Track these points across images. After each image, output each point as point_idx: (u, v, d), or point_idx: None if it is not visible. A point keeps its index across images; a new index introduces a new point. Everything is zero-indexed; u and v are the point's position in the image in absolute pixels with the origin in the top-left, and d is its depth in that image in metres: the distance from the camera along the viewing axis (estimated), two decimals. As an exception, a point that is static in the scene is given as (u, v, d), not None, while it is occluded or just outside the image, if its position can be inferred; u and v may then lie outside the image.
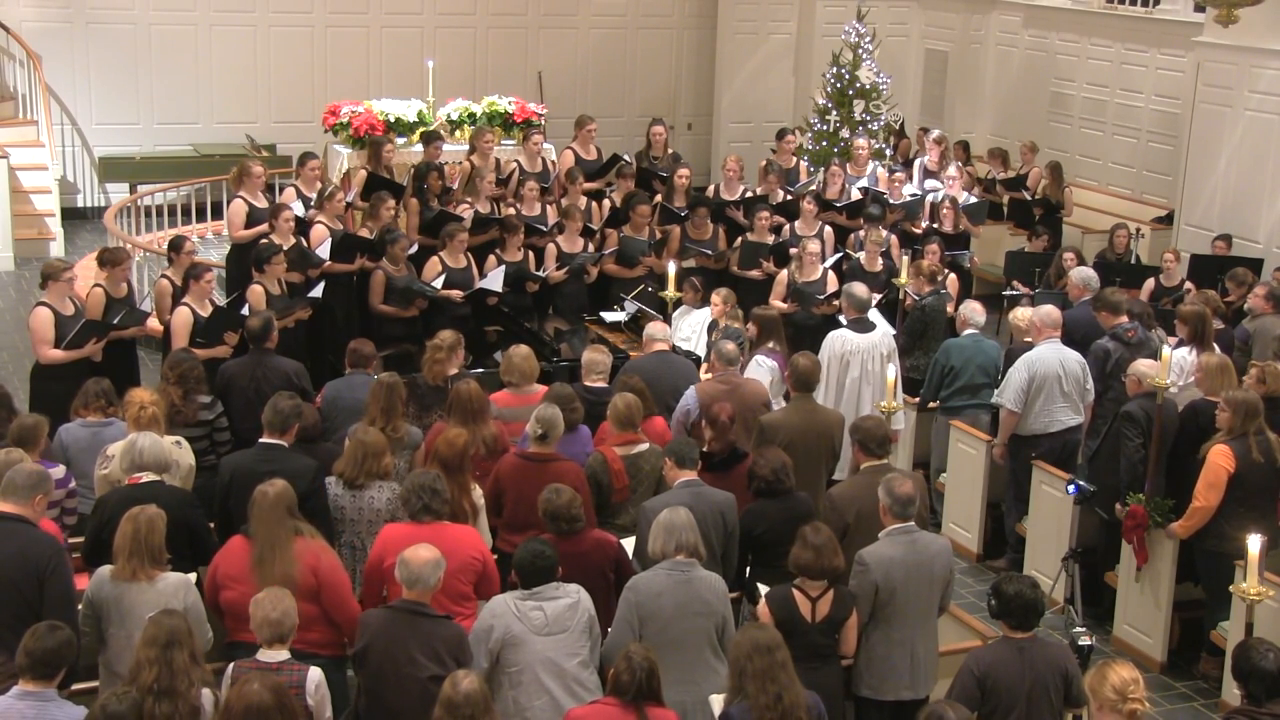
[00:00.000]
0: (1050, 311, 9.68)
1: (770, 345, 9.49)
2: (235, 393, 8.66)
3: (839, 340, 9.76)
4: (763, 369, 9.24)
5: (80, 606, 6.07)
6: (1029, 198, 15.42)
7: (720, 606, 6.21)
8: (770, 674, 5.35)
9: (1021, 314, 10.15)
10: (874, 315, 11.01)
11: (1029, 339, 9.72)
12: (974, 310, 10.16)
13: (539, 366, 8.66)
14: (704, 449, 7.55)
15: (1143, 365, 8.66)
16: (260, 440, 7.27)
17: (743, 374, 9.00)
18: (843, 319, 10.14)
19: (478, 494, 7.12)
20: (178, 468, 7.25)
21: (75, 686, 5.76)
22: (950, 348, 10.00)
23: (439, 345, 8.62)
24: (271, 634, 5.63)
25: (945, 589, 6.64)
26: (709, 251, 12.09)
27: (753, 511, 7.13)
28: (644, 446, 7.54)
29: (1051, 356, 9.37)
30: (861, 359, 9.69)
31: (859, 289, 10.05)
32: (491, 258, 11.38)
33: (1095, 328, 9.93)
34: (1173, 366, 9.01)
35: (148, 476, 6.76)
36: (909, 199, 13.16)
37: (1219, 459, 7.92)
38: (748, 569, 7.21)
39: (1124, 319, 9.71)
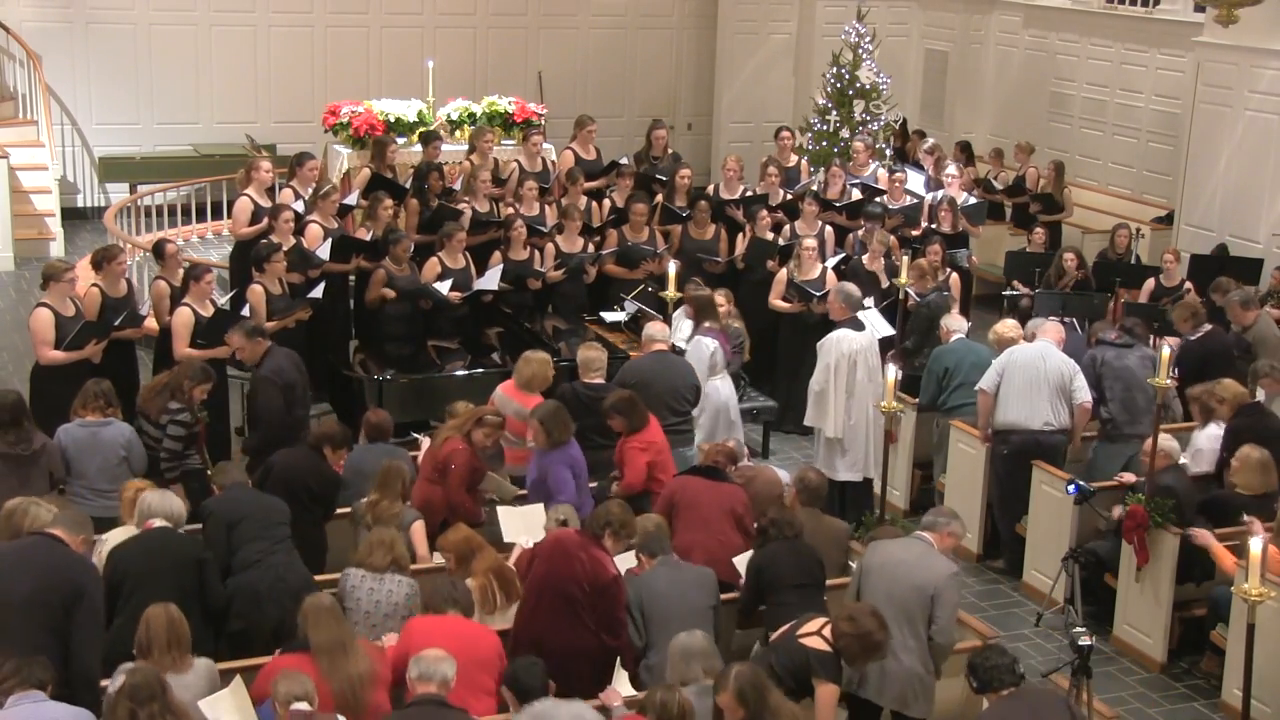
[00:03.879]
0: (1051, 325, 9.81)
1: (707, 325, 9.82)
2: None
3: (844, 341, 9.69)
4: (704, 347, 9.62)
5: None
6: (1029, 199, 15.40)
7: None
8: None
9: (1003, 326, 10.13)
10: (875, 316, 11.03)
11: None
12: (953, 318, 10.30)
13: (551, 378, 8.70)
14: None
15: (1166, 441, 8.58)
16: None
17: (685, 354, 9.48)
18: (836, 319, 10.11)
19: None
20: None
21: None
22: (942, 353, 10.06)
23: (453, 414, 8.56)
24: None
25: (933, 607, 6.52)
26: (719, 259, 12.08)
27: (764, 553, 7.12)
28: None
29: (1032, 350, 9.42)
30: (865, 358, 9.67)
31: (852, 288, 10.05)
32: (497, 254, 11.38)
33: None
34: (1199, 446, 9.13)
35: (159, 522, 6.72)
36: (909, 203, 13.14)
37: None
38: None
39: (1113, 334, 9.84)
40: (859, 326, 9.78)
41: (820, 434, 9.77)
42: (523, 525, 7.50)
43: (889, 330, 10.93)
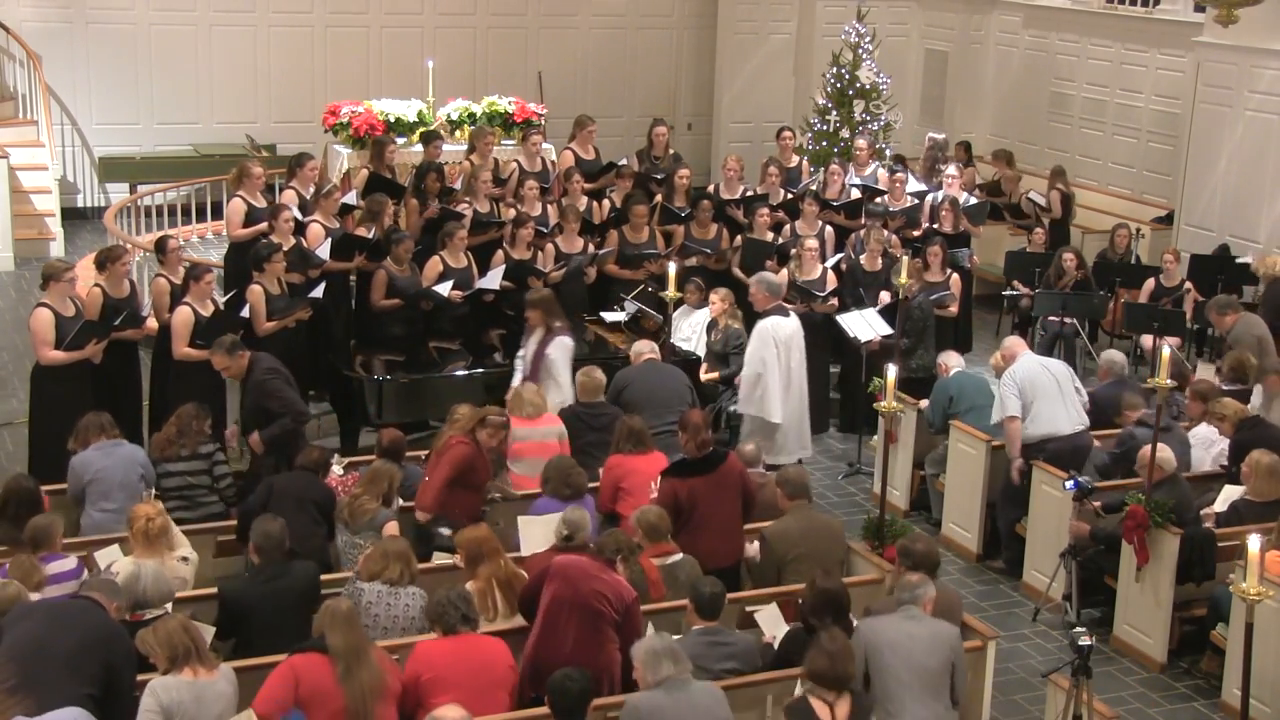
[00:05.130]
0: (1011, 339, 10.01)
1: (559, 325, 9.88)
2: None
3: (778, 327, 9.89)
4: (564, 346, 9.78)
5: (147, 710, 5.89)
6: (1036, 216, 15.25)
7: None
8: None
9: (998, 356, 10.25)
10: (872, 316, 11.05)
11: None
12: (950, 355, 10.40)
13: (548, 401, 8.85)
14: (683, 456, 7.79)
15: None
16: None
17: (547, 360, 9.54)
18: (761, 308, 10.18)
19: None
20: (185, 584, 7.15)
21: None
22: (945, 382, 10.07)
23: (455, 420, 8.40)
24: None
25: (954, 676, 6.46)
26: (709, 250, 12.09)
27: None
28: (678, 557, 7.36)
29: (1030, 361, 9.52)
30: (796, 343, 9.90)
31: (773, 276, 10.28)
32: (499, 253, 11.38)
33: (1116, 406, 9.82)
34: (1203, 443, 9.24)
35: (152, 613, 6.42)
36: (909, 204, 13.12)
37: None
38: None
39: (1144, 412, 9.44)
40: (785, 313, 9.99)
41: (751, 420, 9.89)
42: (542, 536, 7.38)
43: (886, 329, 10.94)
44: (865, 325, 10.98)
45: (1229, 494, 8.76)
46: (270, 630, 6.63)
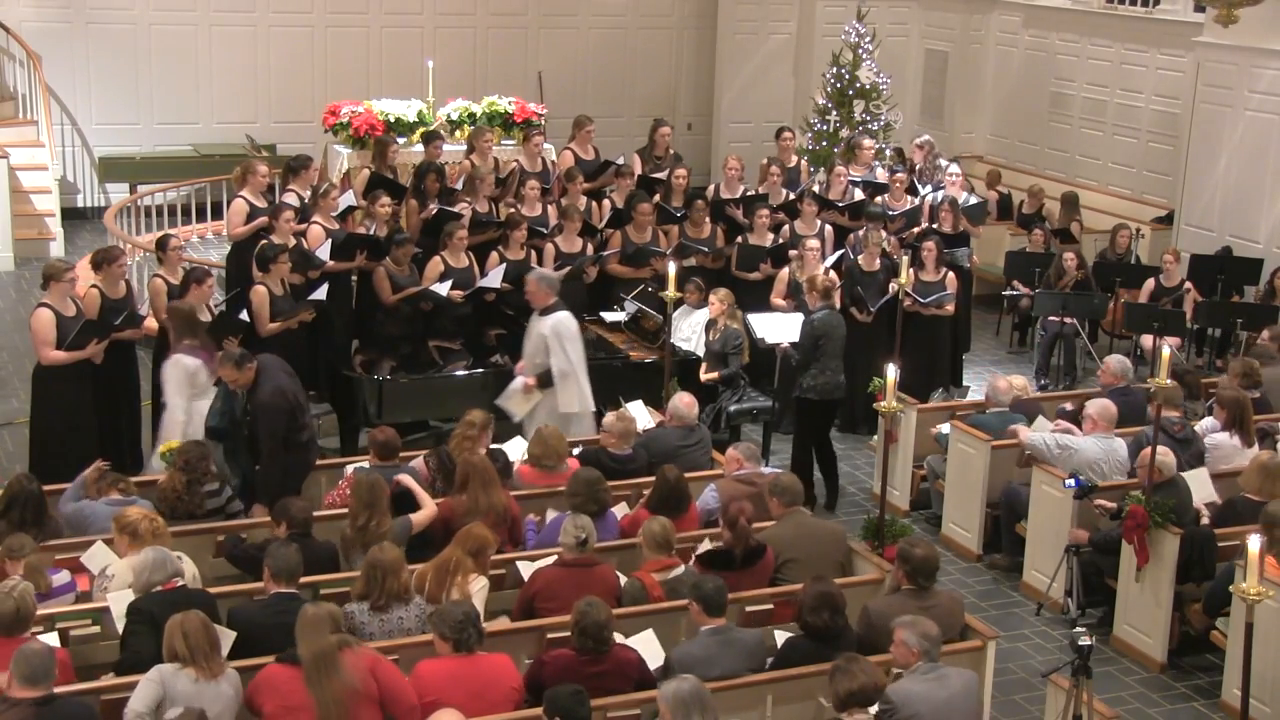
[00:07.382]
0: (1107, 407, 9.32)
1: (188, 342, 9.17)
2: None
3: (568, 322, 9.83)
4: (184, 367, 9.05)
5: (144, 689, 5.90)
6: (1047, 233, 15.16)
7: None
8: None
9: (1002, 383, 10.05)
10: (775, 321, 10.97)
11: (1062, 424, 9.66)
12: (998, 389, 10.01)
13: (569, 447, 8.63)
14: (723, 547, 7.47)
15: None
16: (273, 591, 6.71)
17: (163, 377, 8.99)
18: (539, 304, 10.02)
19: (477, 584, 6.97)
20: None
21: None
22: (977, 423, 9.88)
23: (471, 423, 8.38)
24: None
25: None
26: (706, 250, 12.09)
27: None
28: (680, 570, 7.23)
29: (1093, 444, 9.18)
30: (578, 334, 9.91)
31: (549, 272, 10.27)
32: (494, 255, 11.37)
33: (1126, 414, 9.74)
34: (1209, 447, 9.21)
35: (180, 581, 6.62)
36: (910, 205, 13.11)
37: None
38: None
39: (1176, 413, 9.32)
40: (564, 308, 9.92)
41: (551, 414, 9.69)
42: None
43: (790, 338, 10.76)
44: (774, 329, 10.89)
45: (1199, 477, 8.79)
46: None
